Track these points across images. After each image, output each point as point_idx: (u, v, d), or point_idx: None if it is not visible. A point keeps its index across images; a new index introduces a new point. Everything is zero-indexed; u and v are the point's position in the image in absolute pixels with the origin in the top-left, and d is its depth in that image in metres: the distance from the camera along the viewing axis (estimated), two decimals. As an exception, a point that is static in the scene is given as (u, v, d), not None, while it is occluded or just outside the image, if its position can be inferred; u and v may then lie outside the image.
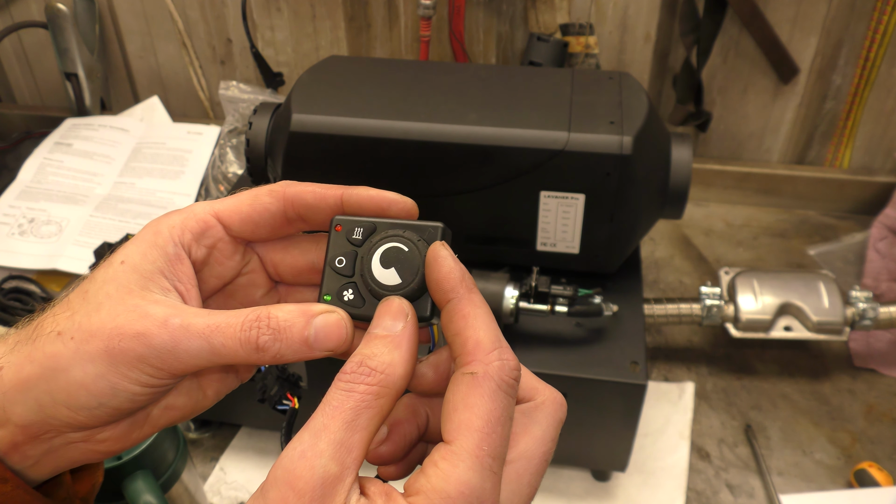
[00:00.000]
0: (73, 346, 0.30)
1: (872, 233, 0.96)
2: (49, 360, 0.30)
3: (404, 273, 0.31)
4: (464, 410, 0.28)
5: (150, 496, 0.53)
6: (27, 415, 0.31)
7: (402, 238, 0.32)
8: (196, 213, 0.34)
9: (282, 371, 0.53)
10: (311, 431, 0.27)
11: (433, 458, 0.28)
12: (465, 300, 0.31)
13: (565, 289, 0.64)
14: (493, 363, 0.29)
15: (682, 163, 0.68)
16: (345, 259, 0.33)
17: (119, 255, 0.32)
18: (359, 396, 0.28)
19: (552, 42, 1.00)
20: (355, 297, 0.32)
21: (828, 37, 0.98)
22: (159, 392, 0.32)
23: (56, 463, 0.34)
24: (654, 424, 0.78)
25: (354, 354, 0.29)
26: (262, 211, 0.34)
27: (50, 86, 1.28)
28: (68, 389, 0.30)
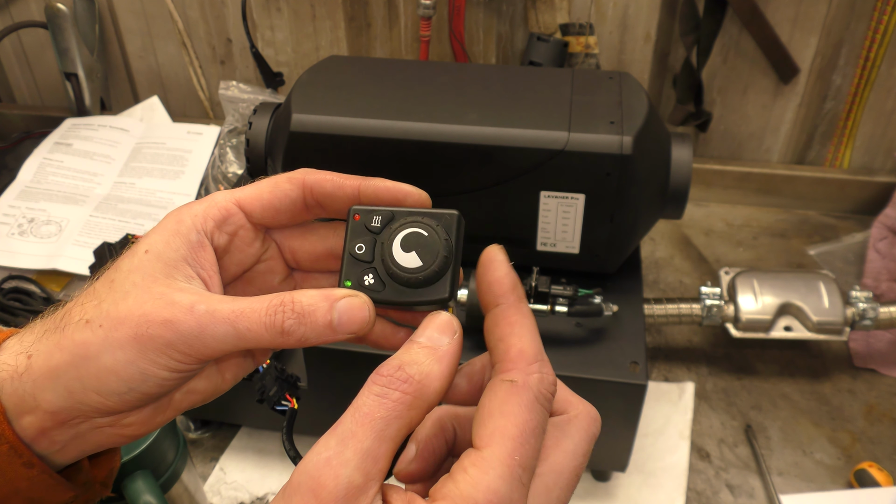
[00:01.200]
0: (102, 334, 0.31)
1: (872, 233, 0.96)
2: (78, 348, 0.31)
3: (425, 256, 0.32)
4: (499, 417, 0.28)
5: (149, 496, 0.53)
6: (57, 401, 0.32)
7: (422, 223, 0.33)
8: (217, 201, 0.35)
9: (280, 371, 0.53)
10: (339, 437, 0.27)
11: (462, 464, 0.27)
12: (513, 307, 0.31)
13: (565, 289, 0.64)
14: (534, 374, 0.29)
15: (682, 163, 0.68)
16: (364, 245, 0.33)
17: (143, 244, 0.33)
18: (391, 405, 0.27)
19: (552, 42, 1.00)
20: (375, 282, 0.33)
21: (828, 37, 0.98)
22: (186, 376, 0.33)
23: (81, 448, 0.34)
24: (654, 424, 0.78)
25: (393, 358, 0.29)
26: (283, 197, 0.35)
27: (50, 86, 1.28)
28: (98, 376, 0.31)
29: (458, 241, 0.33)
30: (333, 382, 0.68)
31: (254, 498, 0.72)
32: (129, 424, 0.35)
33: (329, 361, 0.66)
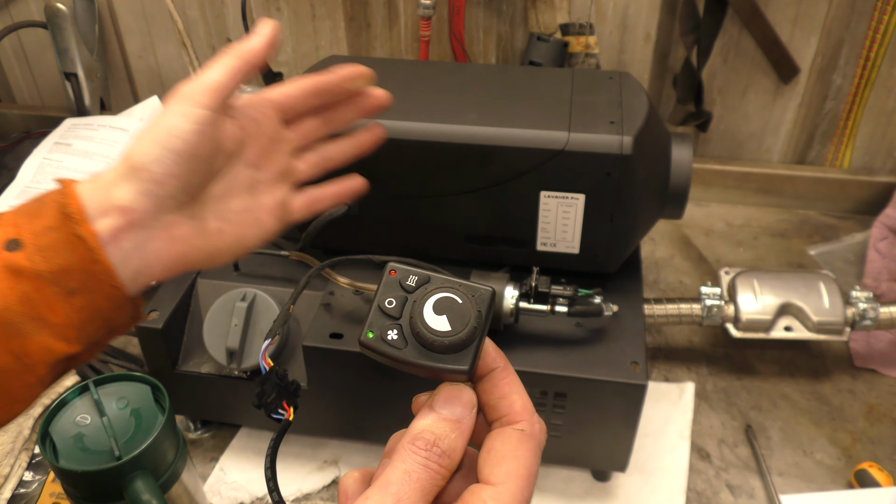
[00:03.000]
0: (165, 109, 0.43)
1: (873, 233, 0.96)
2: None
3: (455, 322, 0.33)
4: (513, 460, 0.33)
5: (149, 496, 0.53)
6: (129, 197, 0.41)
7: (458, 291, 0.34)
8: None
9: (281, 378, 0.52)
10: (394, 497, 0.31)
11: (481, 497, 0.32)
12: (507, 370, 0.35)
13: (565, 289, 0.64)
14: (537, 425, 0.34)
15: (682, 163, 0.68)
16: (395, 301, 0.34)
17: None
18: (433, 474, 0.32)
19: (552, 42, 1.00)
20: (398, 339, 0.34)
21: (828, 36, 0.98)
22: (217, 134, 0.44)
23: (139, 263, 0.41)
24: (654, 424, 0.78)
25: (427, 430, 0.33)
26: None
27: (49, 86, 1.28)
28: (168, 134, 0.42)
29: (488, 319, 0.34)
30: (333, 382, 0.68)
31: (254, 498, 0.72)
32: (177, 238, 0.43)
33: (329, 361, 0.66)
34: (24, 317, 0.38)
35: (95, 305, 0.40)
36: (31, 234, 0.39)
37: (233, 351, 0.66)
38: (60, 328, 0.40)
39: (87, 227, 0.39)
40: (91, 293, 0.40)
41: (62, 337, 0.40)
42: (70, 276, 0.39)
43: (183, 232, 0.44)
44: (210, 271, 0.72)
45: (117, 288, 0.41)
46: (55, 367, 0.41)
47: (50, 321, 0.39)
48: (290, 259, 0.71)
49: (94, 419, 0.56)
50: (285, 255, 0.71)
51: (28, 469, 0.73)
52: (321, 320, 0.67)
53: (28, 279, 0.38)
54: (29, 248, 0.39)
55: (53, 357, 0.40)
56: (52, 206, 0.40)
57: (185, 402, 0.73)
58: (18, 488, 0.71)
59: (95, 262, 0.39)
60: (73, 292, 0.39)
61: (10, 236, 0.39)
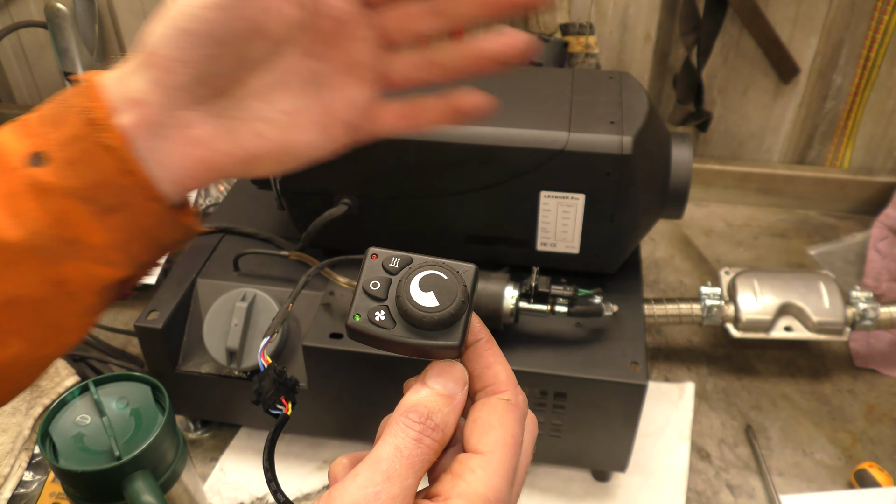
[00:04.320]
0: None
1: (873, 233, 0.96)
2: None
3: (442, 297, 0.33)
4: (500, 428, 0.33)
5: (149, 496, 0.53)
6: (141, 87, 0.35)
7: (442, 268, 0.34)
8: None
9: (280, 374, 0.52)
10: (385, 474, 0.30)
11: (469, 466, 0.32)
12: (491, 341, 0.35)
13: (565, 289, 0.64)
14: (520, 395, 0.35)
15: (682, 163, 0.68)
16: (379, 283, 0.34)
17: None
18: (426, 449, 0.31)
19: (552, 42, 1.00)
20: (386, 319, 0.34)
21: (828, 36, 0.98)
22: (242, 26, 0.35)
23: (157, 169, 0.35)
24: (654, 425, 0.78)
25: (420, 403, 0.32)
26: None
27: (49, 86, 1.28)
28: (179, 10, 0.35)
29: (473, 294, 0.34)
30: (333, 382, 0.68)
31: (254, 498, 0.72)
32: (198, 139, 0.36)
33: (329, 361, 0.66)
34: (58, 241, 0.34)
35: (137, 222, 0.36)
36: (58, 146, 0.34)
37: (233, 351, 0.66)
38: (101, 250, 0.35)
39: (115, 135, 0.34)
40: (131, 208, 0.35)
41: (104, 260, 0.35)
42: (105, 191, 0.34)
43: (204, 132, 0.36)
44: (210, 271, 0.72)
45: (158, 199, 0.36)
46: (103, 294, 0.37)
47: (88, 243, 0.35)
48: (290, 259, 0.71)
49: (94, 419, 0.56)
50: (285, 255, 0.71)
51: (28, 469, 0.73)
52: (321, 320, 0.67)
53: (58, 197, 0.34)
54: (56, 162, 0.34)
55: (98, 283, 0.36)
56: (76, 112, 0.35)
57: (185, 402, 0.73)
58: (18, 488, 0.71)
59: (129, 173, 0.34)
60: (109, 209, 0.35)
61: (35, 148, 0.34)
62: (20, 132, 0.35)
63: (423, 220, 0.69)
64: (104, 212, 0.35)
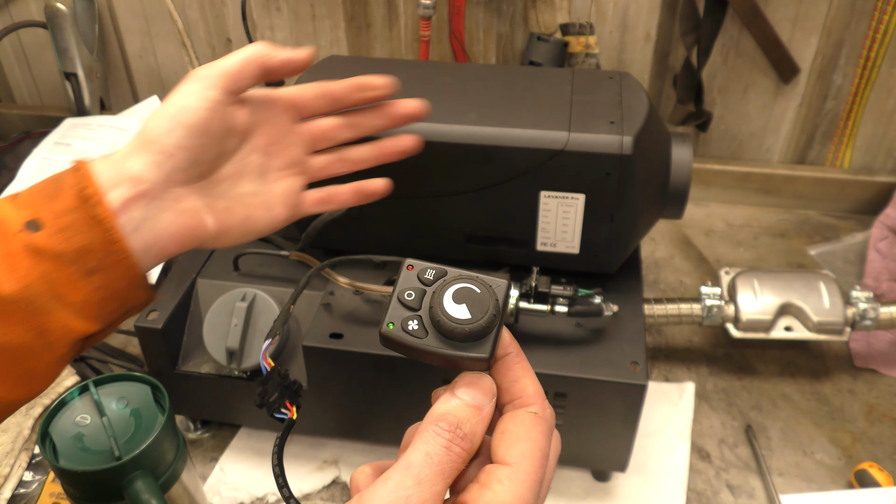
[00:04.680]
0: (179, 88, 0.46)
1: (873, 233, 0.96)
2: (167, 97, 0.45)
3: (475, 310, 0.34)
4: (527, 441, 0.34)
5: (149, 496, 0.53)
6: (141, 168, 0.43)
7: (475, 282, 0.35)
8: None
9: (283, 378, 0.52)
10: (416, 480, 0.31)
11: (497, 476, 0.32)
12: (520, 355, 0.37)
13: (565, 289, 0.64)
14: (548, 409, 0.36)
15: (682, 163, 0.68)
16: (414, 293, 0.35)
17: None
18: (455, 457, 0.32)
19: (552, 42, 1.00)
20: (419, 329, 0.34)
21: (828, 36, 0.98)
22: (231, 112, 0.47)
23: (150, 235, 0.43)
24: (654, 425, 0.78)
25: (450, 413, 0.33)
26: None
27: (49, 85, 1.28)
28: (179, 109, 0.45)
29: (505, 308, 0.35)
30: (333, 382, 0.68)
31: (254, 498, 0.72)
32: (188, 211, 0.45)
33: (329, 361, 0.65)
34: (46, 295, 0.40)
35: (113, 285, 0.42)
36: (52, 215, 0.41)
37: (233, 351, 0.66)
38: (80, 306, 0.41)
39: (104, 209, 0.41)
40: (109, 272, 0.41)
41: (82, 315, 0.41)
42: (89, 255, 0.41)
43: (192, 205, 0.46)
44: (210, 271, 0.72)
45: (133, 267, 0.42)
46: (74, 346, 0.42)
47: (70, 300, 0.41)
48: (290, 259, 0.71)
49: (94, 419, 0.56)
50: (285, 255, 0.71)
51: (28, 469, 0.73)
52: (321, 320, 0.67)
53: (49, 259, 0.40)
54: (49, 229, 0.40)
55: (73, 335, 0.42)
56: (70, 188, 0.42)
57: (185, 402, 0.73)
58: (18, 488, 0.71)
59: (113, 242, 0.41)
60: (91, 272, 0.41)
61: (31, 217, 0.41)
62: (16, 204, 0.42)
63: (423, 220, 0.69)
64: (87, 273, 0.41)
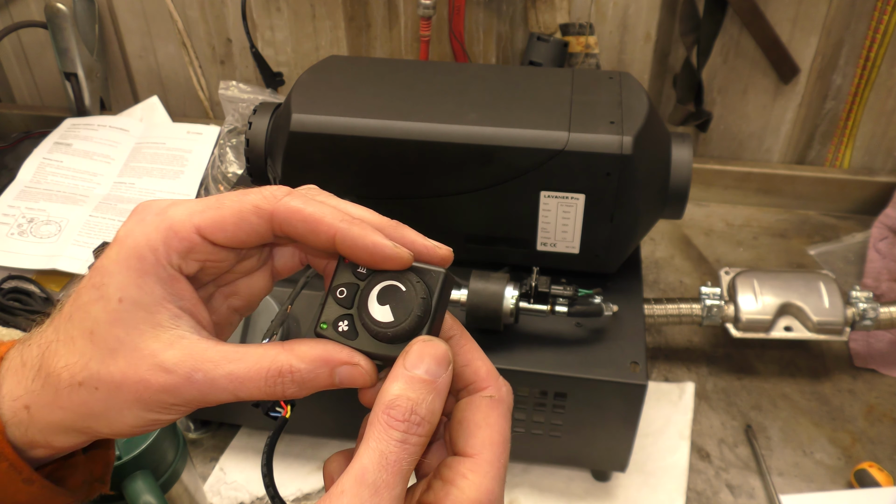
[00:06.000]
0: (102, 397, 0.31)
1: (873, 233, 0.96)
2: (80, 408, 0.32)
3: (398, 312, 0.32)
4: (486, 428, 0.32)
5: (149, 496, 0.53)
6: (71, 440, 0.34)
7: (403, 278, 0.32)
8: (178, 232, 0.32)
9: None
10: (372, 488, 0.28)
11: (459, 471, 0.31)
12: (465, 336, 0.34)
13: (565, 289, 0.64)
14: (503, 388, 0.33)
15: (682, 163, 0.68)
16: (346, 290, 0.33)
17: (112, 288, 0.31)
18: (412, 448, 0.29)
19: (552, 42, 1.00)
20: (349, 330, 0.33)
21: (828, 37, 0.98)
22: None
23: (77, 444, 0.35)
24: (654, 424, 0.78)
25: (402, 397, 0.30)
26: (249, 231, 0.33)
27: (49, 86, 1.28)
28: (111, 426, 0.33)
29: (441, 300, 0.33)
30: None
31: (254, 498, 0.72)
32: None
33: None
34: None
35: (11, 499, 0.35)
36: None
37: (233, 351, 0.66)
38: None
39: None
40: (4, 489, 0.34)
41: None
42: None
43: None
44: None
45: (31, 482, 0.34)
46: None
47: None
48: (290, 259, 0.71)
49: (94, 419, 0.56)
50: (285, 255, 0.71)
51: (28, 469, 0.73)
52: (321, 320, 0.67)
53: None
54: None
55: None
56: None
57: (185, 402, 0.73)
58: (18, 488, 0.71)
59: (4, 458, 0.33)
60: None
61: None
62: None
63: (423, 220, 0.69)
64: None
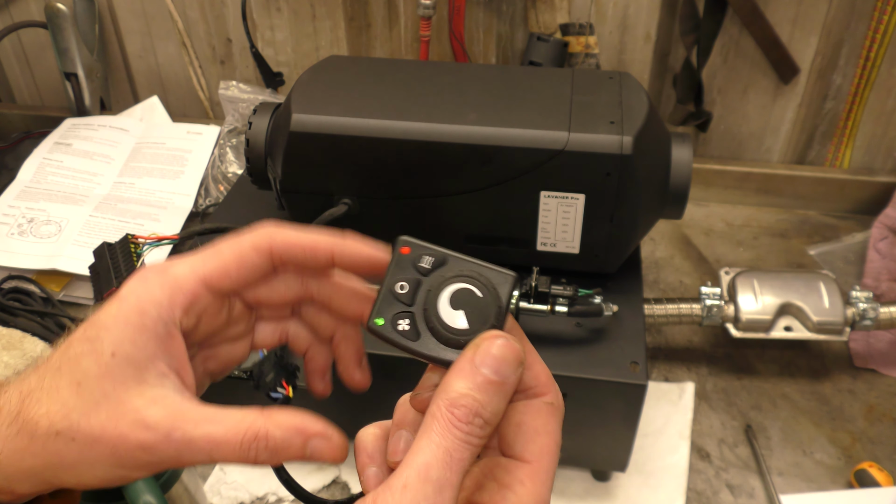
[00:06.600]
0: (77, 449, 0.31)
1: (873, 233, 0.96)
2: (53, 457, 0.31)
3: (474, 320, 0.30)
4: (545, 436, 0.31)
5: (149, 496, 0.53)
6: (32, 488, 0.33)
7: (477, 281, 0.30)
8: (182, 285, 0.33)
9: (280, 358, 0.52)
10: (435, 485, 0.27)
11: (518, 477, 0.30)
12: (524, 339, 0.33)
13: (565, 289, 0.64)
14: (559, 396, 0.33)
15: (682, 163, 0.68)
16: (408, 286, 0.31)
17: (107, 343, 0.32)
18: (475, 448, 0.29)
19: (552, 42, 1.00)
20: (411, 329, 0.30)
21: (828, 37, 0.98)
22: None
23: (43, 490, 0.34)
24: (654, 424, 0.78)
25: (466, 396, 0.29)
26: (251, 268, 0.35)
27: (49, 86, 1.28)
28: (78, 478, 0.32)
29: (508, 307, 0.31)
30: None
31: (254, 498, 0.72)
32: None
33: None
34: None
35: None
36: None
37: (233, 351, 0.66)
38: None
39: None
40: None
41: None
42: None
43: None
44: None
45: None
46: None
47: None
48: (290, 259, 0.71)
49: (94, 419, 0.56)
50: (285, 255, 0.71)
51: (28, 469, 0.73)
52: (321, 320, 0.67)
53: None
54: None
55: None
56: None
57: (185, 402, 0.73)
58: (18, 488, 0.71)
59: None
60: None
61: None
62: None
63: (423, 220, 0.69)
64: None
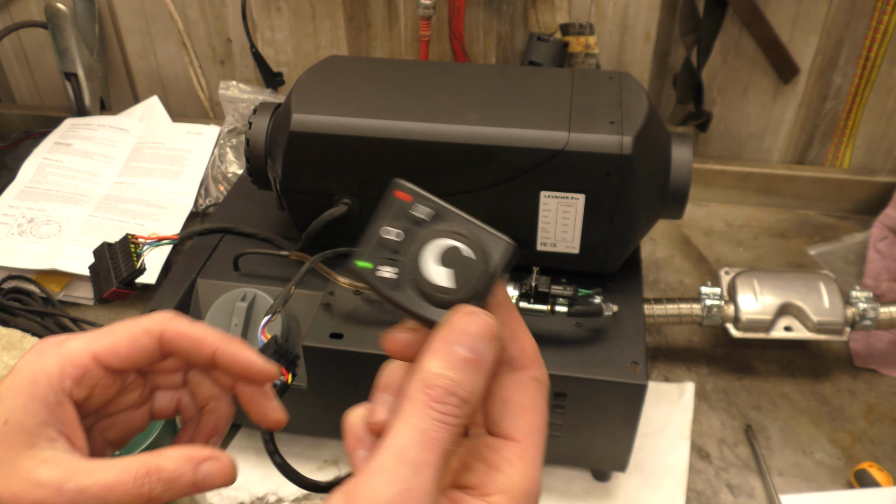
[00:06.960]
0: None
1: (873, 233, 0.96)
2: None
3: (461, 281, 0.28)
4: (532, 411, 0.30)
5: None
6: None
7: (472, 242, 0.29)
8: (74, 358, 0.35)
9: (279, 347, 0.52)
10: (412, 466, 0.26)
11: (507, 457, 0.29)
12: (512, 307, 0.32)
13: (565, 289, 0.64)
14: (545, 370, 0.32)
15: (682, 163, 0.68)
16: (402, 234, 0.29)
17: (0, 411, 0.34)
18: (452, 428, 0.27)
19: (552, 42, 1.00)
20: (394, 279, 0.28)
21: (828, 36, 0.98)
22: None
23: None
24: (654, 424, 0.78)
25: (441, 376, 0.28)
26: (141, 351, 0.37)
27: (49, 86, 1.28)
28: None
29: (499, 272, 0.29)
30: (333, 382, 0.68)
31: (254, 498, 0.72)
32: None
33: (329, 361, 0.65)
34: None
35: None
36: None
37: (233, 351, 0.66)
38: None
39: None
40: None
41: None
42: None
43: None
44: (210, 271, 0.72)
45: None
46: None
47: None
48: (290, 259, 0.71)
49: (94, 419, 0.56)
50: (285, 254, 0.71)
51: (28, 469, 0.73)
52: (321, 320, 0.67)
53: None
54: None
55: None
56: None
57: (185, 402, 0.73)
58: (18, 488, 0.71)
59: None
60: None
61: None
62: None
63: (423, 220, 0.69)
64: None
